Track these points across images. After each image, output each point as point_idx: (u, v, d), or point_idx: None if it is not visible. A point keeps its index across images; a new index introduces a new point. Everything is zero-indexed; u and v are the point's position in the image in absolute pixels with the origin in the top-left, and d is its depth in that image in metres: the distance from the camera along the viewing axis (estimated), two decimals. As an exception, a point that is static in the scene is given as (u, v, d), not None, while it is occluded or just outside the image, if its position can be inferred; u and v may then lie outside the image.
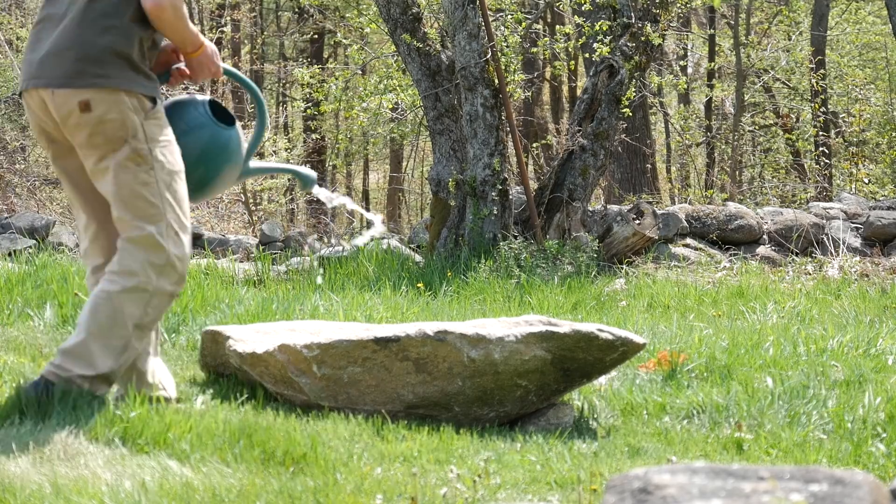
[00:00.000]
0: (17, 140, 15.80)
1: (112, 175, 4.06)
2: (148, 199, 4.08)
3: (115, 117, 4.03)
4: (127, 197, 4.06)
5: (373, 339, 4.43)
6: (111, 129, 4.03)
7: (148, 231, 4.07)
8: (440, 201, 9.89)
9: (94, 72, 4.03)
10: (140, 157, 4.07)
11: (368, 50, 14.51)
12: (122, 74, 4.05)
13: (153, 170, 4.09)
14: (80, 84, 4.02)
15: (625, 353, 4.63)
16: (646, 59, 10.27)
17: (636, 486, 2.15)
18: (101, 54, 4.04)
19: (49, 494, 3.35)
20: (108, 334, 4.05)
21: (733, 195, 15.48)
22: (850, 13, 19.38)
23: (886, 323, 7.05)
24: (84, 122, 4.03)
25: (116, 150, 4.05)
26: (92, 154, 4.07)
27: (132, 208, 4.07)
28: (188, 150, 4.25)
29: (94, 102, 4.02)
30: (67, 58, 4.04)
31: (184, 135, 4.25)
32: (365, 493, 3.50)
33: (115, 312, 4.04)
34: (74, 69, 4.03)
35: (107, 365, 4.05)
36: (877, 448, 4.31)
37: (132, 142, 4.06)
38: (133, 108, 4.06)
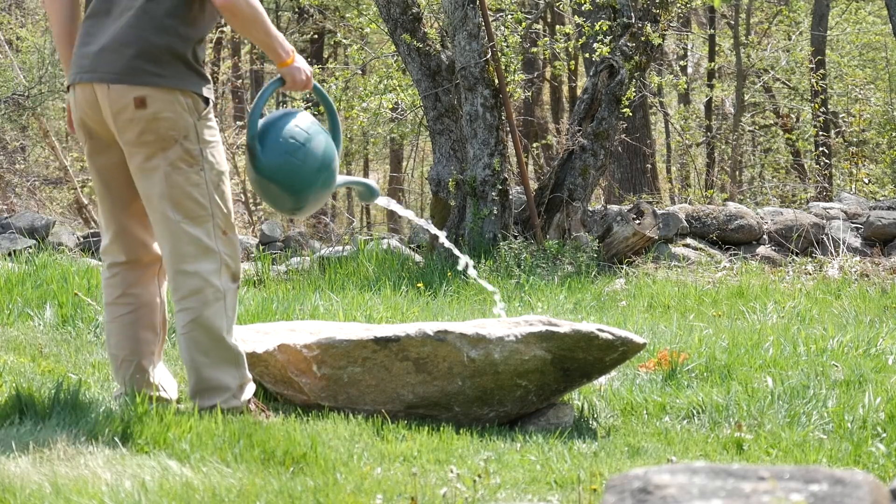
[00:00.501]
0: (17, 140, 15.80)
1: (162, 175, 4.06)
2: (198, 199, 4.09)
3: (169, 116, 4.04)
4: (178, 197, 4.07)
5: (373, 339, 4.43)
6: (164, 127, 4.04)
7: (194, 235, 4.08)
8: (440, 201, 9.89)
9: (151, 70, 4.03)
10: (192, 157, 4.08)
11: (368, 50, 14.51)
12: (178, 74, 4.06)
13: (203, 171, 4.11)
14: (136, 81, 4.02)
15: (625, 353, 4.63)
16: (646, 59, 10.27)
17: (636, 486, 2.15)
18: (160, 54, 4.04)
19: (49, 494, 3.35)
20: (217, 355, 4.12)
21: (733, 195, 15.48)
22: (850, 13, 19.38)
23: (886, 323, 7.05)
24: (138, 118, 4.03)
25: (166, 150, 4.05)
26: (140, 152, 4.06)
27: (181, 209, 4.08)
28: (313, 153, 4.25)
29: (149, 99, 4.02)
30: (125, 55, 4.03)
31: (307, 142, 4.25)
32: (365, 493, 3.50)
33: (210, 334, 4.10)
34: (132, 66, 4.02)
35: (234, 378, 4.15)
36: (877, 448, 4.31)
37: (184, 142, 4.06)
38: (188, 108, 4.07)
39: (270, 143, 4.23)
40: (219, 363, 4.12)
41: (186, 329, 4.10)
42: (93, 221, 14.08)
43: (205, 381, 4.12)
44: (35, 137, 16.08)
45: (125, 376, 4.26)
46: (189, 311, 4.09)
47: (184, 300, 4.10)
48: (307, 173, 4.24)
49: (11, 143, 15.50)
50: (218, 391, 4.13)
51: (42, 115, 14.59)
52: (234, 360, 4.15)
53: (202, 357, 4.10)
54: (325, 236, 13.47)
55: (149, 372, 4.30)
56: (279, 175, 4.22)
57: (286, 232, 11.88)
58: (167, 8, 4.06)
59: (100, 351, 5.36)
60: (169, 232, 4.09)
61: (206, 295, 4.09)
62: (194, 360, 4.11)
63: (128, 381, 4.25)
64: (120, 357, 4.26)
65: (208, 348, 4.10)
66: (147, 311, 4.30)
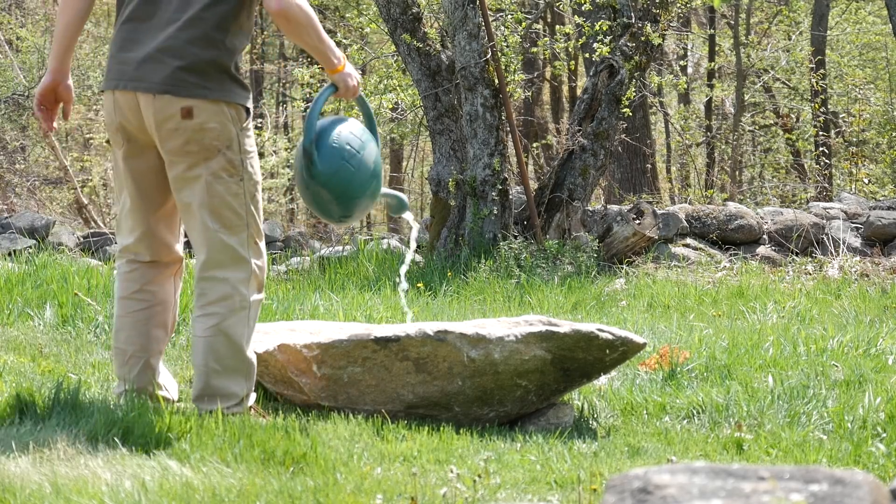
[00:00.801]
0: (17, 140, 15.80)
1: (204, 184, 4.09)
2: (236, 209, 4.12)
3: (215, 126, 4.06)
4: (217, 207, 4.10)
5: (373, 339, 4.43)
6: (209, 137, 4.06)
7: (229, 244, 4.11)
8: (440, 201, 9.89)
9: (197, 83, 4.05)
10: (234, 167, 4.11)
11: (368, 50, 14.51)
12: (223, 86, 4.08)
13: (243, 181, 4.14)
14: (183, 93, 4.04)
15: (625, 352, 4.63)
16: (646, 59, 10.27)
17: (636, 486, 2.15)
18: (206, 67, 4.06)
19: (49, 494, 3.35)
20: (232, 364, 4.14)
21: (733, 195, 15.48)
22: (850, 13, 19.38)
23: (886, 323, 7.05)
24: (183, 128, 4.05)
25: (209, 159, 4.08)
26: (182, 161, 4.09)
27: (219, 218, 4.10)
28: (366, 162, 4.27)
29: (196, 110, 4.04)
30: (171, 66, 4.05)
31: (361, 149, 4.27)
32: (365, 493, 3.50)
33: (230, 342, 4.12)
34: (178, 78, 4.04)
35: (242, 388, 4.16)
36: (877, 448, 4.31)
37: (227, 152, 4.09)
38: (231, 118, 4.10)
39: (325, 149, 4.23)
40: (231, 373, 4.14)
41: (208, 334, 4.12)
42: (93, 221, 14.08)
43: (211, 388, 4.13)
44: (35, 137, 16.08)
45: (131, 372, 4.26)
46: (213, 317, 4.11)
47: (210, 305, 4.12)
48: (360, 181, 4.26)
49: (11, 143, 15.50)
50: (222, 398, 4.14)
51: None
52: (245, 371, 4.17)
53: (216, 364, 4.12)
54: (325, 236, 13.47)
55: (156, 370, 4.32)
56: (333, 182, 4.23)
57: (286, 232, 11.88)
58: (216, 21, 4.08)
59: (100, 351, 5.37)
60: (206, 239, 4.12)
61: (234, 302, 4.12)
62: (207, 366, 4.12)
63: (134, 377, 4.26)
64: (129, 353, 4.27)
65: (225, 356, 4.12)
66: (161, 309, 4.31)
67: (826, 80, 16.67)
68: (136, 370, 4.26)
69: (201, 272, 4.13)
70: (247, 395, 4.18)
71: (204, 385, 4.13)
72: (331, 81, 4.29)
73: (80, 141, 17.89)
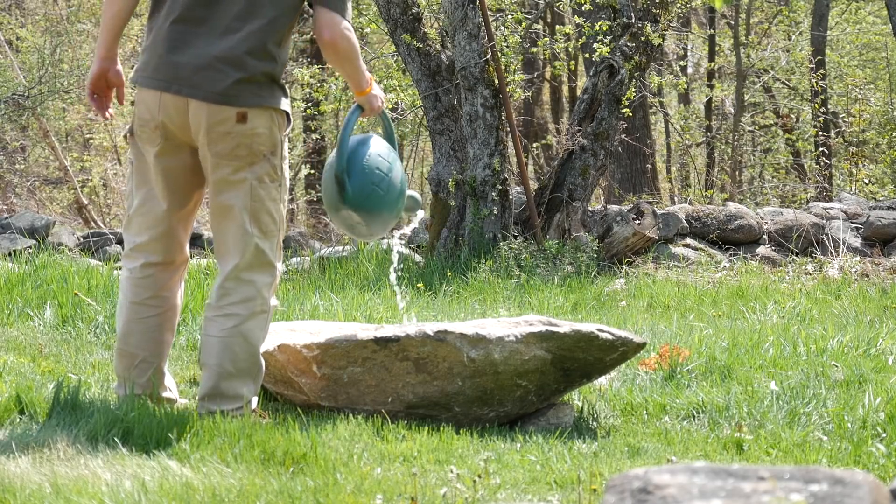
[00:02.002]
0: (17, 140, 15.80)
1: (248, 188, 4.13)
2: (273, 214, 4.19)
3: (265, 132, 4.12)
4: (258, 211, 4.15)
5: (373, 339, 4.43)
6: (258, 142, 4.12)
7: (263, 249, 4.15)
8: (440, 201, 9.89)
9: (252, 92, 4.11)
10: (276, 173, 4.18)
11: (368, 50, 14.51)
12: (274, 95, 4.15)
13: (281, 186, 4.21)
14: (239, 103, 4.10)
15: (625, 353, 4.64)
16: (646, 59, 10.26)
17: (636, 486, 2.15)
18: (262, 78, 4.12)
19: (49, 494, 3.35)
20: (245, 367, 4.16)
21: (733, 195, 15.48)
22: (850, 13, 19.37)
23: (886, 323, 7.05)
24: (236, 132, 4.09)
25: (254, 164, 4.13)
26: (228, 164, 4.12)
27: (258, 222, 4.15)
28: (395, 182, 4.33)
29: (250, 114, 4.10)
30: (230, 77, 4.09)
31: (390, 171, 4.32)
32: (365, 493, 3.50)
33: (247, 345, 4.15)
34: (235, 90, 4.09)
35: (250, 390, 4.19)
36: (877, 448, 4.31)
37: (272, 158, 4.15)
38: (279, 124, 4.17)
39: (357, 175, 4.29)
40: (242, 376, 4.15)
41: (226, 334, 4.13)
42: (93, 221, 14.08)
43: (220, 389, 4.14)
44: (35, 137, 16.08)
45: (141, 377, 4.26)
46: (234, 318, 4.13)
47: (232, 305, 4.14)
48: (389, 202, 4.34)
49: (11, 143, 15.50)
50: (230, 400, 4.15)
51: (42, 115, 14.59)
52: (255, 375, 4.20)
53: (230, 366, 4.13)
54: (325, 236, 13.47)
55: (164, 375, 4.35)
56: (365, 205, 4.30)
57: (286, 232, 11.89)
58: (274, 35, 4.13)
59: (100, 351, 5.36)
60: (243, 242, 4.15)
61: (255, 305, 4.16)
62: (221, 367, 4.13)
63: (144, 382, 4.27)
64: (140, 357, 4.26)
65: (240, 359, 4.13)
66: (171, 315, 4.33)
67: (826, 80, 16.67)
68: (147, 375, 4.27)
69: (231, 272, 4.15)
70: (250, 399, 4.19)
71: (213, 385, 4.14)
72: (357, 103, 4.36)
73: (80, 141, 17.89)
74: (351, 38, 4.15)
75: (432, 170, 10.05)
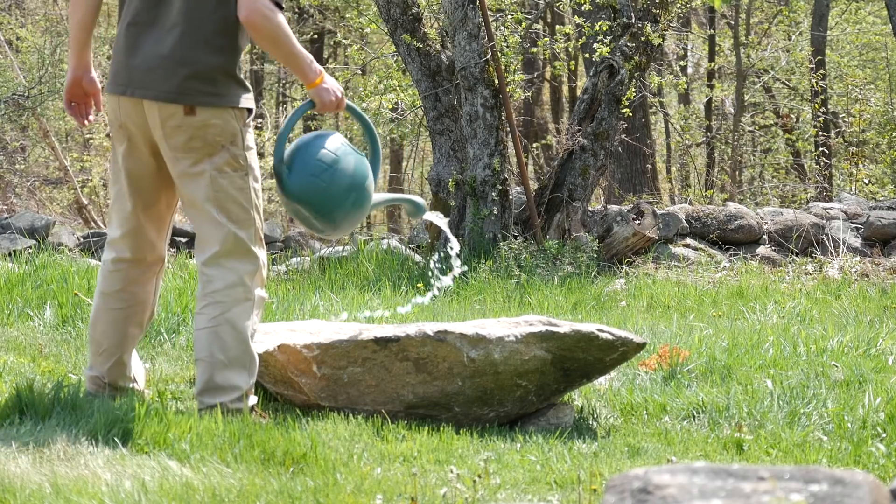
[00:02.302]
0: (17, 140, 15.79)
1: (209, 179, 4.13)
2: (242, 203, 4.16)
3: (217, 122, 4.11)
4: (224, 201, 4.14)
5: (373, 339, 4.43)
6: (211, 133, 4.11)
7: (240, 237, 4.15)
8: (440, 201, 9.89)
9: (204, 90, 4.10)
10: (238, 162, 4.16)
11: (368, 50, 14.51)
12: (229, 92, 4.13)
13: (247, 175, 4.19)
14: (189, 101, 4.09)
15: (625, 353, 4.63)
16: (646, 59, 10.26)
17: (636, 486, 2.15)
18: (213, 73, 4.11)
19: (49, 494, 3.35)
20: (236, 355, 4.15)
21: (733, 195, 15.48)
22: (850, 13, 19.37)
23: (886, 323, 7.05)
24: (186, 125, 4.09)
25: (213, 155, 4.12)
26: (187, 157, 4.13)
27: (226, 212, 4.14)
28: (339, 179, 4.28)
29: (198, 108, 4.09)
30: (179, 74, 4.09)
31: (334, 163, 4.28)
32: (365, 493, 3.50)
33: (235, 332, 4.14)
34: (185, 87, 4.09)
35: (245, 381, 4.16)
36: (877, 448, 4.31)
37: (231, 148, 4.14)
38: (235, 116, 4.15)
39: (297, 166, 4.28)
40: (234, 364, 4.14)
41: (213, 323, 4.14)
42: (93, 221, 14.08)
43: (215, 382, 4.14)
44: (35, 137, 16.08)
45: (104, 364, 4.34)
46: (219, 305, 4.13)
47: (216, 293, 4.14)
48: (335, 194, 4.27)
49: (11, 143, 15.49)
50: (226, 391, 4.14)
51: (42, 115, 14.59)
52: (248, 365, 4.17)
53: (221, 355, 4.12)
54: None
55: (127, 366, 4.38)
56: (306, 197, 4.27)
57: (286, 232, 11.88)
58: (219, 26, 4.11)
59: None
60: (217, 232, 4.15)
61: (239, 293, 4.15)
62: (212, 357, 4.13)
63: (107, 370, 4.33)
64: (103, 346, 4.34)
65: (230, 346, 4.13)
66: (139, 309, 4.36)
67: (826, 80, 16.67)
68: (109, 364, 4.33)
69: (209, 261, 4.16)
70: (249, 391, 4.18)
71: (208, 378, 4.14)
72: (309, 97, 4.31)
73: (80, 141, 17.89)
74: (272, 17, 4.04)
75: (432, 170, 10.05)
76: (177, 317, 5.83)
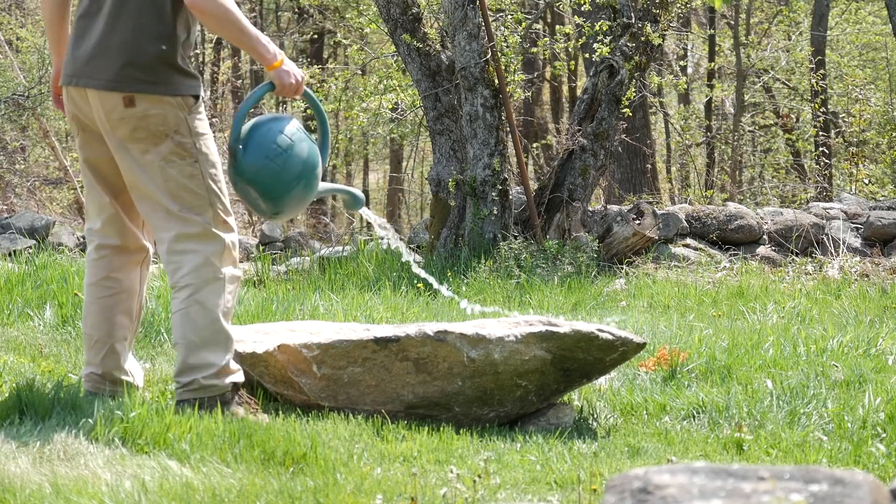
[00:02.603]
0: (17, 140, 15.79)
1: (157, 168, 4.14)
2: (195, 190, 4.17)
3: (158, 112, 4.12)
4: (174, 189, 4.15)
5: (373, 339, 4.43)
6: (154, 123, 4.12)
7: (198, 221, 4.16)
8: (440, 201, 9.88)
9: (142, 78, 4.11)
10: (184, 150, 4.16)
11: (368, 50, 14.51)
12: (169, 80, 4.13)
13: (198, 162, 4.18)
14: (128, 89, 4.11)
15: (625, 353, 4.64)
16: (646, 60, 10.26)
17: (636, 486, 2.15)
18: (151, 62, 4.12)
19: (49, 494, 3.35)
20: (209, 335, 4.16)
21: (733, 195, 15.48)
22: (850, 13, 19.37)
23: (886, 323, 7.05)
24: (128, 116, 4.11)
25: (158, 144, 4.13)
26: (134, 147, 4.15)
27: (180, 199, 4.15)
28: (292, 164, 4.28)
29: (137, 99, 4.10)
30: (117, 62, 4.11)
31: (289, 148, 4.28)
32: (365, 493, 3.50)
33: (204, 313, 4.15)
34: (123, 74, 4.11)
35: (220, 358, 4.17)
36: (877, 448, 4.31)
37: (175, 136, 4.14)
38: (177, 105, 4.15)
39: (252, 146, 4.27)
40: (208, 344, 4.16)
41: (184, 305, 4.16)
42: (93, 221, 14.06)
43: (190, 364, 4.16)
44: (35, 137, 16.08)
45: (97, 357, 4.35)
46: (188, 288, 4.15)
47: (185, 277, 4.16)
48: (286, 179, 4.27)
49: (11, 143, 15.49)
50: (199, 369, 4.16)
51: (42, 115, 14.59)
52: (223, 344, 4.19)
53: (193, 336, 4.15)
54: (325, 236, 13.47)
55: (120, 356, 4.38)
56: (258, 178, 4.27)
57: (286, 232, 11.88)
58: (157, 13, 4.13)
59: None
60: (172, 220, 4.16)
61: (207, 272, 4.16)
62: (185, 338, 4.16)
63: (100, 362, 4.34)
64: (94, 338, 4.35)
65: (201, 327, 4.14)
66: (126, 297, 4.38)
67: (826, 80, 16.67)
68: (101, 355, 4.34)
69: (171, 247, 4.17)
70: (227, 367, 4.19)
71: (183, 360, 4.17)
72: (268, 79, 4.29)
73: (80, 141, 17.86)
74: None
75: (432, 170, 10.05)
76: (177, 317, 5.82)
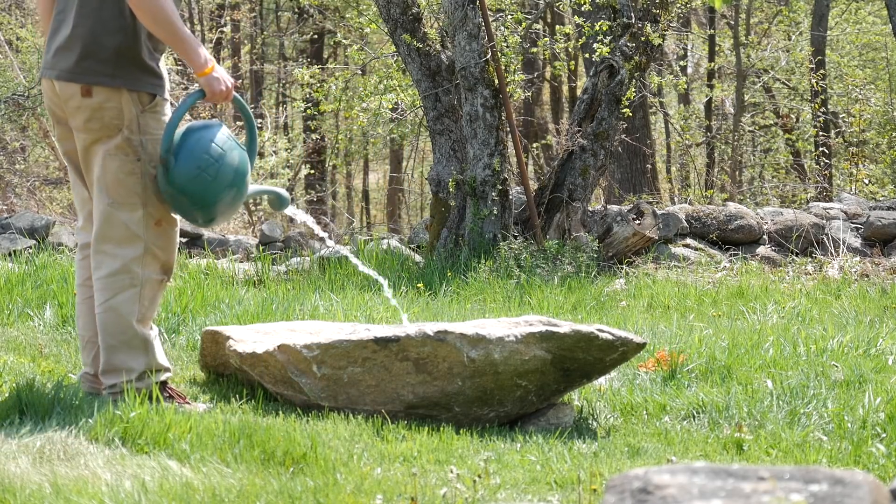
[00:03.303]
0: (17, 140, 15.79)
1: (100, 160, 4.19)
2: (130, 187, 4.20)
3: (113, 105, 4.17)
4: (110, 183, 4.20)
5: (373, 339, 4.43)
6: (108, 116, 4.17)
7: (121, 219, 4.19)
8: (440, 201, 9.88)
9: (100, 70, 4.16)
10: (130, 147, 4.20)
11: (368, 50, 14.50)
12: (127, 74, 4.18)
13: (140, 161, 4.22)
14: (85, 80, 4.16)
15: (625, 353, 4.64)
16: (646, 60, 10.26)
17: (636, 486, 2.15)
18: (109, 55, 4.17)
19: (49, 494, 3.35)
20: (125, 340, 4.22)
21: (733, 195, 15.48)
22: (850, 13, 19.37)
23: (886, 323, 7.05)
24: (84, 105, 4.16)
25: (110, 137, 4.18)
26: (86, 137, 4.21)
27: (112, 193, 4.20)
28: (226, 170, 4.28)
29: (95, 90, 4.16)
30: (76, 53, 4.18)
31: (221, 158, 4.28)
32: (365, 493, 3.50)
33: (118, 319, 4.20)
34: (82, 66, 4.17)
35: (140, 363, 4.24)
36: (877, 448, 4.31)
37: (125, 132, 4.18)
38: (132, 101, 4.19)
39: (184, 157, 4.26)
40: (124, 347, 4.22)
41: (100, 309, 4.23)
42: (93, 221, 14.06)
43: (110, 363, 4.23)
44: (35, 137, 16.08)
45: (87, 356, 4.39)
46: (104, 292, 4.21)
47: (102, 280, 4.21)
48: (218, 188, 4.28)
49: (11, 143, 15.49)
50: (120, 372, 4.22)
51: (42, 115, 14.58)
52: (141, 347, 4.24)
53: (110, 339, 4.22)
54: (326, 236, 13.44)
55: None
56: (189, 189, 4.26)
57: (286, 232, 11.88)
58: (119, 8, 4.18)
59: (100, 351, 5.36)
60: (99, 213, 4.22)
61: (123, 279, 4.20)
62: (104, 340, 4.23)
63: (91, 362, 4.38)
64: (86, 338, 4.40)
65: (114, 332, 4.21)
66: None
67: (826, 80, 16.66)
68: (92, 355, 4.38)
69: (95, 244, 4.23)
70: (150, 370, 4.25)
71: (105, 360, 4.24)
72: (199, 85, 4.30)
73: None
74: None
75: (432, 170, 10.05)
76: (177, 317, 5.83)
